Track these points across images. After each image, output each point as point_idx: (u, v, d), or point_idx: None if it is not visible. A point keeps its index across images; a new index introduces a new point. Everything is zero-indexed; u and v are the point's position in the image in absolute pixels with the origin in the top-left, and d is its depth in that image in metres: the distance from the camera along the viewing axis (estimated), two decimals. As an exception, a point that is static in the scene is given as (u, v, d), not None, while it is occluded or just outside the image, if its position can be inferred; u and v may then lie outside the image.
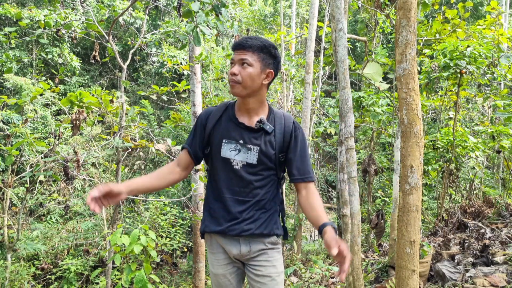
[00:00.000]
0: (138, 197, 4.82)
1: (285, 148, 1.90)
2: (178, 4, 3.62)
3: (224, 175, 1.88)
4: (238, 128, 1.87)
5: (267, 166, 1.87)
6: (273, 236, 1.91)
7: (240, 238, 1.88)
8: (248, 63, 1.78)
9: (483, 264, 3.91)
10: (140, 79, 14.46)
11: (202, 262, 4.97)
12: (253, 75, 1.79)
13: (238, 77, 1.78)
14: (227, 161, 1.87)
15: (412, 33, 2.09)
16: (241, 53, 1.79)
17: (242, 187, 1.86)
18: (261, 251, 1.90)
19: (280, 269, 1.94)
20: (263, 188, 1.88)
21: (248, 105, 1.86)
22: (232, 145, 1.87)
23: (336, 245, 1.57)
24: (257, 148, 1.84)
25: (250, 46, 1.79)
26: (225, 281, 1.96)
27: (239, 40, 1.82)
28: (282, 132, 1.88)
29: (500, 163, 8.13)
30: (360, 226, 2.99)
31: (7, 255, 5.21)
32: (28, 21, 4.18)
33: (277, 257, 1.94)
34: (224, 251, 1.94)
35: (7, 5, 11.03)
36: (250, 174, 1.85)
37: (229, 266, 1.96)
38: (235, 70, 1.79)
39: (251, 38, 1.81)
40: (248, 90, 1.80)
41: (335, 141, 9.16)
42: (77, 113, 3.43)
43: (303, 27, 7.23)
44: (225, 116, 1.92)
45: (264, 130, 1.85)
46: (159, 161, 11.73)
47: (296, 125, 1.93)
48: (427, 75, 5.50)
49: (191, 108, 5.18)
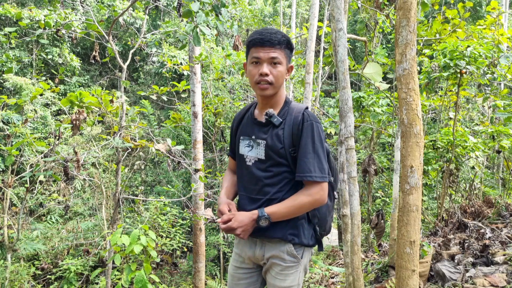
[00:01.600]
0: (138, 197, 4.82)
1: (295, 142, 1.70)
2: (178, 4, 3.62)
3: (240, 172, 1.85)
4: (252, 124, 1.83)
5: (276, 162, 1.72)
6: (288, 244, 1.73)
7: (257, 239, 1.79)
8: (278, 61, 1.67)
9: (483, 264, 3.91)
10: (140, 79, 14.46)
11: (202, 262, 4.96)
12: (283, 73, 1.71)
13: (271, 77, 1.67)
14: (242, 157, 1.83)
15: (412, 33, 2.09)
16: (269, 50, 1.65)
17: (253, 184, 1.77)
18: (274, 259, 1.75)
19: (288, 284, 1.75)
20: (274, 186, 1.73)
21: (270, 102, 1.78)
22: (246, 141, 1.82)
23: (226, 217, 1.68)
24: (264, 142, 1.74)
25: (279, 43, 1.66)
26: (232, 284, 1.91)
27: (264, 35, 1.66)
28: (290, 125, 1.71)
29: (500, 163, 8.13)
30: (360, 226, 2.99)
31: (7, 255, 5.21)
32: (28, 21, 4.18)
33: (289, 271, 1.75)
34: (240, 253, 1.88)
35: (7, 5, 11.02)
36: (260, 170, 1.75)
37: (241, 271, 1.88)
38: (266, 70, 1.65)
39: (274, 32, 1.67)
40: (277, 89, 1.72)
41: (335, 141, 9.16)
42: (77, 113, 3.43)
43: (303, 27, 7.22)
44: (247, 115, 1.89)
45: (272, 123, 1.74)
46: (159, 161, 11.73)
47: (305, 116, 1.72)
48: (427, 75, 5.50)
49: (191, 108, 5.18)
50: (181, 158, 4.07)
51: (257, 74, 1.68)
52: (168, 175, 11.31)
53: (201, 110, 5.31)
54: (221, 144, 8.64)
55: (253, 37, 1.70)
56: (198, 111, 5.15)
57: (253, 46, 1.69)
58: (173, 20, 12.32)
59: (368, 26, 6.87)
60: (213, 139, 8.11)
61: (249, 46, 1.72)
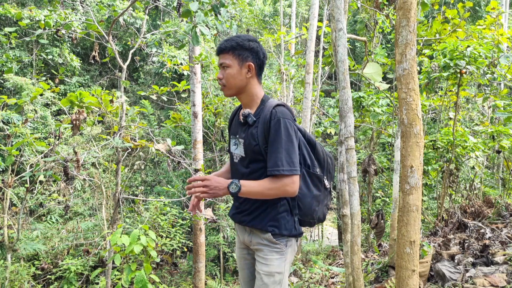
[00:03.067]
0: (138, 197, 4.82)
1: (267, 139, 1.80)
2: (178, 4, 3.62)
3: (231, 168, 2.06)
4: (237, 124, 2.01)
5: (254, 158, 1.86)
6: (267, 234, 1.86)
7: (246, 227, 1.98)
8: (226, 65, 1.87)
9: (483, 264, 3.91)
10: (140, 79, 14.47)
11: (202, 262, 4.96)
12: (233, 74, 1.87)
13: (223, 80, 1.89)
14: (232, 155, 2.03)
15: (412, 33, 2.09)
16: (220, 57, 1.89)
17: (238, 179, 1.86)
18: (258, 245, 1.92)
19: (273, 270, 1.86)
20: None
21: (242, 101, 1.98)
22: (233, 140, 2.02)
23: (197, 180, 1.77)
24: (243, 141, 1.91)
25: (224, 48, 1.88)
26: (240, 264, 2.12)
27: (219, 44, 1.90)
28: (263, 122, 1.82)
29: (500, 163, 8.13)
30: (360, 226, 2.99)
31: (7, 255, 5.21)
32: (28, 21, 4.18)
33: (273, 256, 1.87)
34: (239, 236, 2.08)
35: (7, 5, 11.02)
36: (243, 166, 1.93)
37: (244, 251, 2.07)
38: (220, 75, 1.90)
39: (226, 40, 1.89)
40: (234, 89, 1.90)
41: (335, 141, 9.16)
42: (77, 113, 3.43)
43: (303, 27, 7.22)
44: (237, 115, 2.06)
45: (248, 123, 1.90)
46: (159, 161, 11.73)
47: (273, 113, 1.79)
48: (427, 75, 5.50)
49: (191, 108, 5.18)
50: (181, 158, 4.06)
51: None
52: (168, 175, 11.32)
53: (201, 110, 5.31)
54: (221, 144, 8.65)
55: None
56: (198, 111, 5.15)
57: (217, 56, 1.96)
58: (173, 20, 12.32)
59: (368, 26, 6.87)
60: (213, 139, 8.12)
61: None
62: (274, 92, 9.18)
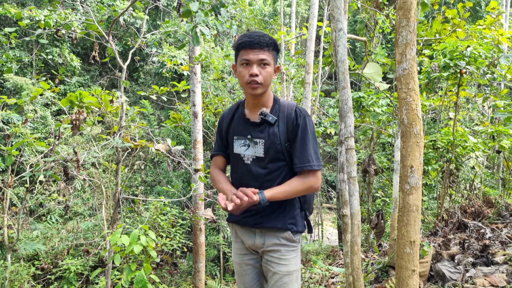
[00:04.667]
0: (138, 197, 4.82)
1: (291, 137, 1.85)
2: (178, 4, 3.62)
3: (238, 170, 1.97)
4: (245, 124, 1.94)
5: (275, 158, 1.85)
6: (287, 232, 1.88)
7: (256, 230, 1.93)
8: (267, 62, 1.78)
9: (483, 264, 3.91)
10: (140, 79, 14.47)
11: (202, 262, 4.97)
12: (271, 73, 1.83)
13: (260, 78, 1.78)
14: (239, 156, 1.94)
15: (412, 33, 2.09)
16: (259, 52, 1.76)
17: (253, 180, 1.87)
18: (274, 246, 1.89)
19: (292, 268, 1.90)
20: (274, 181, 1.86)
21: (260, 101, 1.90)
22: (242, 141, 1.94)
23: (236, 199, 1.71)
24: (262, 141, 1.86)
25: (267, 45, 1.78)
26: (241, 270, 2.05)
27: (252, 38, 1.77)
28: (285, 122, 1.85)
29: (500, 163, 8.13)
30: (360, 226, 2.99)
31: (7, 255, 5.20)
32: (28, 21, 4.17)
33: (290, 255, 1.90)
34: (241, 241, 2.02)
35: (7, 5, 11.03)
36: (259, 167, 1.87)
37: (246, 257, 2.02)
38: (255, 71, 1.76)
39: (262, 35, 1.78)
40: (266, 88, 1.85)
41: (335, 141, 9.15)
42: (77, 113, 3.43)
43: (303, 27, 7.22)
44: (236, 115, 1.99)
45: (267, 122, 1.86)
46: (159, 161, 11.73)
47: (298, 112, 1.86)
48: (427, 75, 5.50)
49: (191, 108, 5.18)
50: (181, 158, 4.06)
51: (247, 75, 1.78)
52: (168, 175, 11.31)
53: (201, 110, 5.31)
54: (221, 144, 8.61)
55: (242, 40, 1.80)
56: (198, 111, 5.15)
57: (243, 49, 1.80)
58: (173, 20, 12.32)
59: (368, 26, 6.87)
60: (213, 139, 8.12)
61: (239, 49, 1.83)
62: (274, 92, 9.17)
